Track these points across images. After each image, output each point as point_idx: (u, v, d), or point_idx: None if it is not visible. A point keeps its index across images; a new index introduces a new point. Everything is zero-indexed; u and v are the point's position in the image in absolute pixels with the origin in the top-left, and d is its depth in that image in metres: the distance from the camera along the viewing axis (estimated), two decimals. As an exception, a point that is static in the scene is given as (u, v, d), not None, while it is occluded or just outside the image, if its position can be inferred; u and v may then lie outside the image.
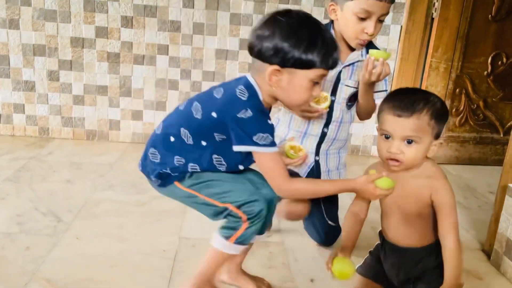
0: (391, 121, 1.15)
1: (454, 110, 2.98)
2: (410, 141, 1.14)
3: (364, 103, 1.65)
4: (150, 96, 2.90)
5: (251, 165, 1.32)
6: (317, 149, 1.68)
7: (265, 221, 1.26)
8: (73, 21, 2.75)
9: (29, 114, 2.89)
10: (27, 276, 1.50)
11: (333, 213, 1.78)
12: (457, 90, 2.94)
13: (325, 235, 1.77)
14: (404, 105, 1.13)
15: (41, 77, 2.83)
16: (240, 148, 1.19)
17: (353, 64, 1.64)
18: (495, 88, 2.97)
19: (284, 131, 1.70)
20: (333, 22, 1.61)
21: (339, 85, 1.64)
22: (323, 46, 1.15)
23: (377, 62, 1.50)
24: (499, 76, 2.93)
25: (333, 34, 1.56)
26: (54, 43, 2.77)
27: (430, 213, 1.20)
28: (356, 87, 1.64)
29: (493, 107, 3.02)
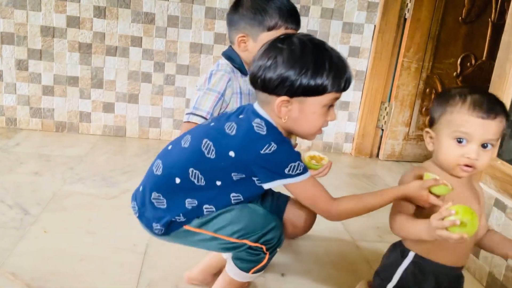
0: (472, 124, 1.02)
1: (424, 109, 3.04)
2: (485, 145, 1.03)
3: None
4: (122, 88, 2.85)
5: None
6: None
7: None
8: (44, 9, 2.67)
9: (-5, 103, 2.81)
10: (-8, 270, 1.46)
11: None
12: (427, 90, 3.01)
13: None
14: (487, 107, 1.02)
15: (9, 66, 2.75)
16: (272, 184, 1.11)
17: None
18: (463, 89, 3.04)
19: None
20: (234, 50, 1.55)
21: None
22: (332, 68, 1.07)
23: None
24: (468, 77, 3.01)
25: (241, 61, 1.54)
26: (23, 31, 2.70)
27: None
28: None
29: (461, 108, 3.09)
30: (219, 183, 1.15)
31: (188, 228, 1.21)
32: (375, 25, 2.89)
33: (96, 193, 2.10)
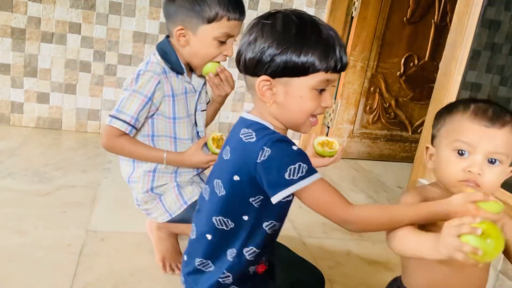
0: (475, 132, 0.89)
1: (368, 108, 3.09)
2: (493, 161, 0.89)
3: (212, 113, 1.64)
4: (58, 77, 2.68)
5: None
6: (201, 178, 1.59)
7: None
8: (-30, -12, 2.46)
9: None
10: None
11: None
12: (372, 88, 3.05)
13: None
14: (493, 114, 0.88)
15: None
16: (278, 197, 0.93)
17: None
18: (406, 88, 3.11)
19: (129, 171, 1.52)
20: (169, 42, 1.44)
21: (196, 114, 1.53)
22: (319, 43, 0.92)
23: (214, 75, 1.46)
24: (410, 77, 3.09)
25: (178, 57, 1.43)
26: None
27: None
28: (205, 108, 1.59)
29: (404, 107, 3.17)
30: (246, 218, 1.00)
31: None
32: (323, 22, 2.89)
33: (27, 189, 1.95)
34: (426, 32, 2.99)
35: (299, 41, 0.92)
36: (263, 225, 1.01)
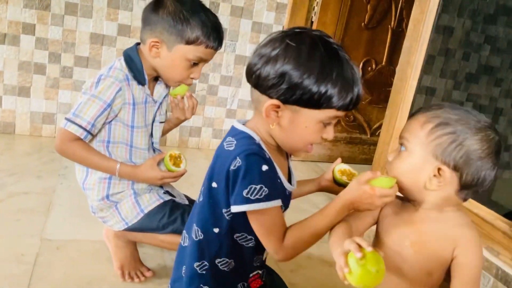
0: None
1: (328, 111, 3.13)
2: (402, 147, 0.93)
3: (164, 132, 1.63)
4: (11, 80, 2.57)
5: None
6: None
7: None
8: None
9: None
10: None
11: None
12: (332, 92, 3.09)
13: None
14: (425, 106, 0.93)
15: None
16: (234, 209, 0.93)
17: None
18: (364, 92, 3.17)
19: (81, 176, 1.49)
20: (137, 49, 1.42)
21: (154, 124, 1.50)
22: (340, 81, 0.89)
23: (181, 98, 1.50)
24: (369, 81, 3.15)
25: (143, 67, 1.40)
26: None
27: (441, 275, 0.94)
28: (164, 121, 1.57)
29: (362, 110, 3.23)
30: (216, 230, 0.99)
31: None
32: (283, 26, 2.91)
33: (-23, 197, 1.87)
34: (383, 37, 3.06)
35: (321, 74, 0.88)
36: (234, 236, 1.00)
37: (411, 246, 0.94)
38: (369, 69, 3.12)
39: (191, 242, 1.05)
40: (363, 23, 2.98)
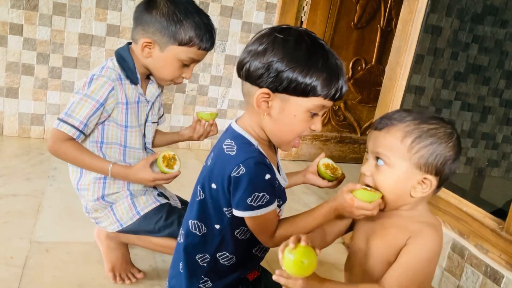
0: (368, 136, 0.99)
1: (318, 110, 3.14)
2: (380, 162, 0.95)
3: (168, 142, 1.64)
4: (-1, 81, 2.55)
5: None
6: None
7: None
8: None
9: None
10: None
11: None
12: (322, 91, 3.10)
13: None
14: (383, 117, 0.97)
15: None
16: (238, 213, 0.99)
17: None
18: (354, 91, 3.19)
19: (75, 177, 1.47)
20: (129, 49, 1.42)
21: (146, 124, 1.49)
22: (325, 69, 0.94)
23: (206, 123, 1.53)
24: (358, 80, 3.17)
25: (135, 66, 1.41)
26: None
27: None
28: (156, 121, 1.56)
29: (352, 109, 3.25)
30: (218, 226, 1.05)
31: None
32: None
33: (-36, 200, 1.84)
34: (372, 36, 3.08)
35: (307, 63, 0.94)
36: (235, 232, 1.06)
37: (376, 240, 1.00)
38: (359, 68, 3.13)
39: (193, 236, 1.08)
40: (352, 23, 3.00)
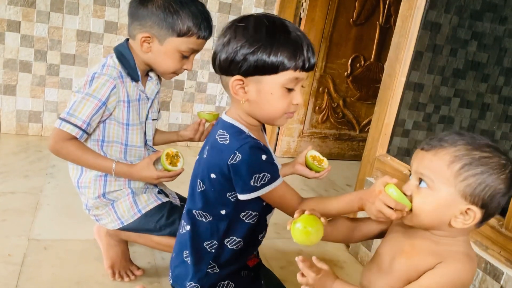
0: (414, 155, 0.94)
1: (317, 108, 3.13)
2: (423, 184, 0.90)
3: (165, 141, 1.63)
4: (-4, 78, 2.54)
5: None
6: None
7: None
8: None
9: None
10: None
11: None
12: (321, 89, 3.10)
13: None
14: (433, 138, 0.92)
15: None
16: (244, 197, 1.03)
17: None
18: (353, 88, 3.19)
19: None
20: (128, 45, 1.40)
21: (147, 122, 1.48)
22: (288, 43, 0.98)
23: (206, 123, 1.53)
24: (357, 77, 3.16)
25: (135, 63, 1.39)
26: None
27: None
28: (156, 118, 1.55)
29: (351, 106, 3.24)
30: (223, 212, 1.08)
31: None
32: (271, 23, 2.90)
33: (-38, 197, 1.84)
34: (371, 33, 3.07)
35: (269, 41, 0.97)
36: (241, 215, 1.08)
37: (402, 257, 0.95)
38: (358, 65, 3.12)
39: (199, 223, 1.11)
40: (351, 20, 2.99)
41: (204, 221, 1.10)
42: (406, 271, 0.93)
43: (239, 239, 1.10)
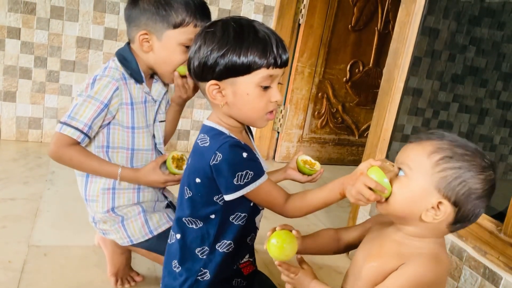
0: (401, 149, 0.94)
1: (316, 113, 3.14)
2: (401, 173, 0.90)
3: (172, 120, 1.53)
4: (-4, 84, 2.55)
5: None
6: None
7: None
8: None
9: None
10: None
11: None
12: (320, 94, 3.11)
13: None
14: (424, 132, 0.92)
15: None
16: (229, 197, 1.02)
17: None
18: (352, 93, 3.20)
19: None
20: (130, 49, 1.36)
21: (155, 125, 1.43)
22: (257, 41, 0.98)
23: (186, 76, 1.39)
24: (356, 83, 3.17)
25: (138, 65, 1.35)
26: None
27: None
28: (164, 119, 1.49)
29: (350, 111, 3.25)
30: (213, 216, 1.06)
31: None
32: (270, 29, 2.91)
33: (-38, 204, 1.84)
34: (370, 39, 3.09)
35: (238, 42, 0.98)
36: (230, 218, 1.07)
37: (370, 260, 0.95)
38: (356, 71, 3.14)
39: (190, 231, 1.09)
40: (350, 26, 3.00)
41: (194, 228, 1.09)
42: (373, 275, 0.93)
43: (229, 242, 1.08)
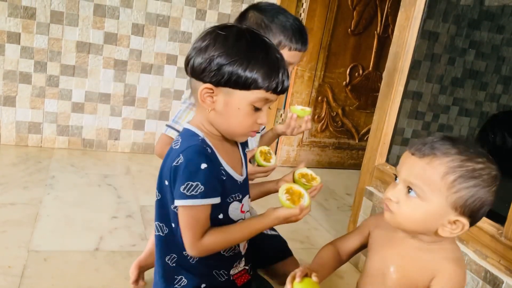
0: (402, 159, 0.92)
1: (316, 117, 3.14)
2: (413, 193, 0.89)
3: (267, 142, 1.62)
4: (-4, 89, 2.55)
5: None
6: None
7: None
8: None
9: None
10: None
11: None
12: (319, 98, 3.11)
13: None
14: (424, 143, 0.89)
15: None
16: (176, 202, 0.98)
17: None
18: (352, 97, 3.20)
19: None
20: None
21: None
22: (265, 63, 0.96)
23: (299, 119, 1.51)
24: (356, 86, 3.17)
25: None
26: None
27: None
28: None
29: (350, 115, 3.25)
30: (173, 225, 1.03)
31: None
32: (270, 33, 2.91)
33: (-39, 209, 1.83)
34: (369, 43, 3.09)
35: (247, 56, 0.95)
36: None
37: (394, 272, 0.95)
38: (356, 74, 3.14)
39: (158, 238, 1.07)
40: (349, 29, 3.01)
41: (161, 235, 1.06)
42: (403, 283, 0.93)
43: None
